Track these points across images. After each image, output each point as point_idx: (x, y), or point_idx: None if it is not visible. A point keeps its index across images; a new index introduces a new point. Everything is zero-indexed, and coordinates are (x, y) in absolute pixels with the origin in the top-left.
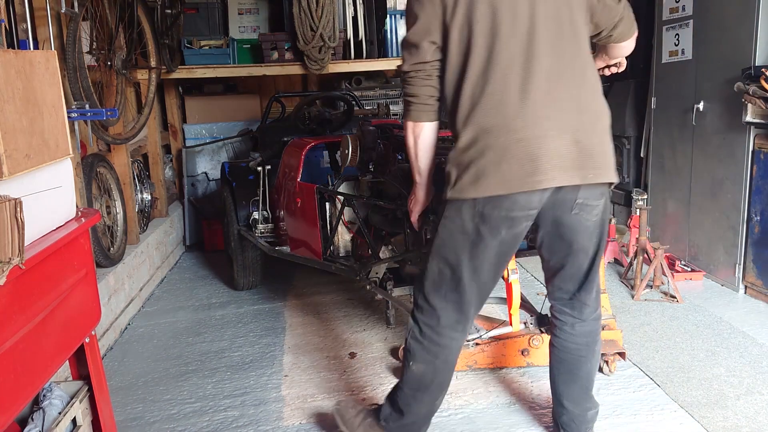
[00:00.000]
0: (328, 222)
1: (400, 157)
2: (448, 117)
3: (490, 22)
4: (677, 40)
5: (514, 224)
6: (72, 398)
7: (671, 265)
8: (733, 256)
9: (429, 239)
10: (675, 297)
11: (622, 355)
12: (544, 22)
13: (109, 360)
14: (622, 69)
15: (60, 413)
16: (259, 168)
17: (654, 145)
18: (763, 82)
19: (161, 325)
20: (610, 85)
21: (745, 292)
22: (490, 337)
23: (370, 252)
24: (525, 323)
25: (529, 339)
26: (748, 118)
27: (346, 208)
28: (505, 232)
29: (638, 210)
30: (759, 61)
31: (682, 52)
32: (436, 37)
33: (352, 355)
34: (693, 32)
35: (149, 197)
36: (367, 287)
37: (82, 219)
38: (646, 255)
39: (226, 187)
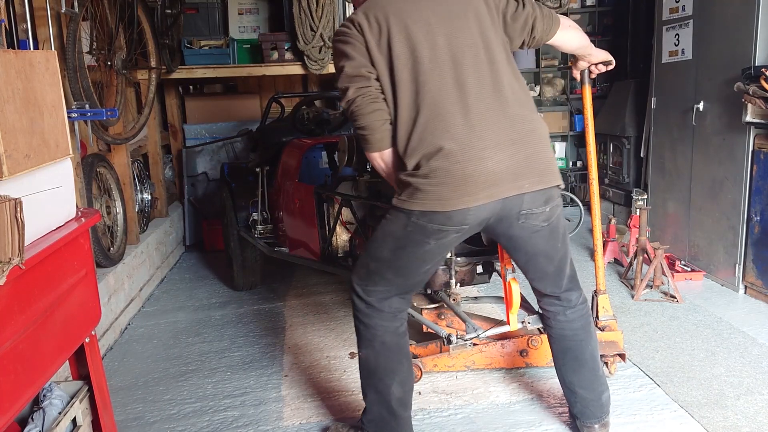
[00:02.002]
0: (326, 222)
1: None
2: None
3: (410, 57)
4: (677, 40)
5: (443, 236)
6: (72, 398)
7: (671, 265)
8: (733, 256)
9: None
10: (675, 297)
11: (622, 356)
12: (461, 50)
13: (109, 360)
14: (611, 67)
15: (60, 413)
16: (258, 169)
17: (654, 145)
18: (763, 82)
19: (161, 325)
20: (610, 85)
21: (745, 292)
22: (487, 337)
23: None
24: (523, 322)
25: (528, 340)
26: (748, 118)
27: (344, 208)
28: (434, 242)
29: (638, 210)
30: (759, 61)
31: (682, 52)
32: (372, 70)
33: (352, 355)
34: (693, 32)
35: (149, 197)
36: None
37: (82, 219)
38: (646, 255)
39: (225, 187)
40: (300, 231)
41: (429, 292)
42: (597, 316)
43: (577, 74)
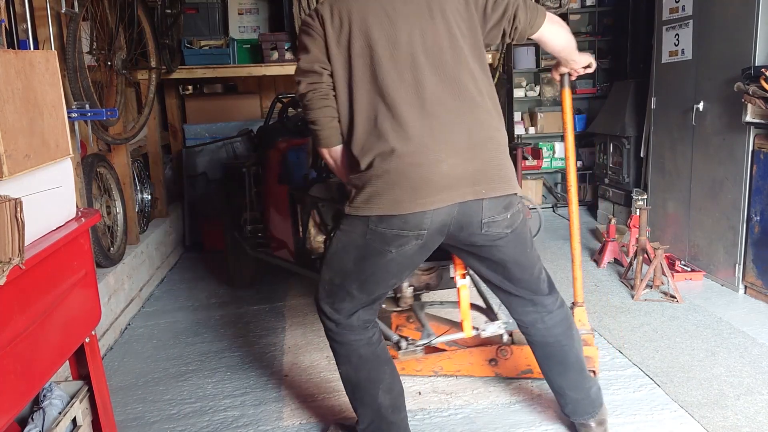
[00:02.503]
0: (299, 224)
1: None
2: (345, 143)
3: (369, 54)
4: (677, 40)
5: (403, 243)
6: (72, 398)
7: (671, 265)
8: (733, 256)
9: (324, 250)
10: (675, 297)
11: (593, 372)
12: (425, 50)
13: (109, 360)
14: (591, 70)
15: (60, 413)
16: (244, 169)
17: (654, 145)
18: (763, 82)
19: (161, 325)
20: (610, 85)
21: (745, 292)
22: (455, 343)
23: None
24: (476, 328)
25: (498, 349)
26: (748, 118)
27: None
28: (395, 250)
29: (638, 210)
30: (759, 61)
31: (682, 52)
32: (327, 65)
33: None
34: (693, 32)
35: (149, 197)
36: None
37: (82, 219)
38: (646, 255)
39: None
40: (279, 232)
41: (398, 295)
42: None
43: (557, 77)
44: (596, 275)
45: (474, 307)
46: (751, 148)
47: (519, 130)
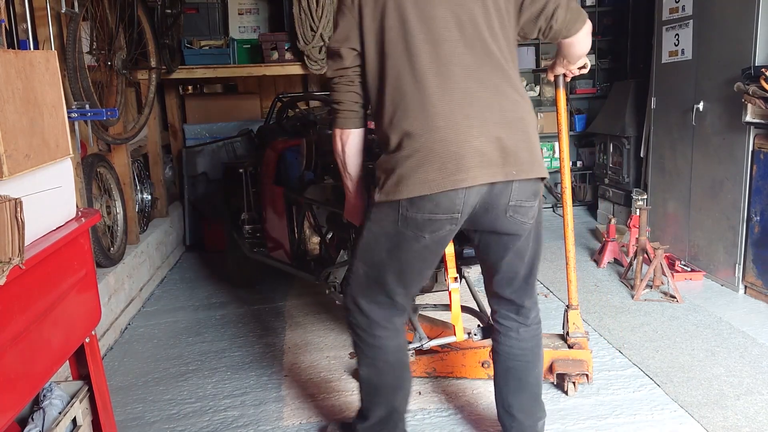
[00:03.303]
0: (294, 225)
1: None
2: (374, 123)
3: (402, 30)
4: (677, 40)
5: (437, 227)
6: (72, 398)
7: (671, 265)
8: (733, 256)
9: (354, 241)
10: (675, 297)
11: (587, 377)
12: (458, 27)
13: (109, 360)
14: (585, 71)
15: (60, 413)
16: (241, 170)
17: (654, 145)
18: (763, 82)
19: (161, 325)
20: (610, 85)
21: (745, 292)
22: (448, 345)
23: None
24: (469, 333)
25: (490, 351)
26: (748, 118)
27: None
28: (429, 236)
29: (638, 210)
30: (759, 61)
31: (682, 52)
32: (355, 44)
33: (352, 355)
34: (693, 32)
35: (149, 197)
36: (326, 291)
37: (82, 219)
38: (646, 255)
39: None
40: (275, 232)
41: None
42: (567, 333)
43: (552, 77)
44: (596, 275)
45: (467, 310)
46: (751, 148)
47: None
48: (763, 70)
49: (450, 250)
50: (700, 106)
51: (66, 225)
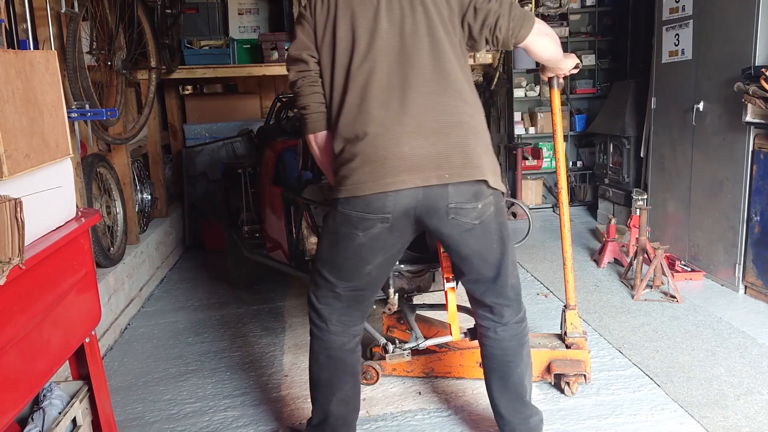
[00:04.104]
0: (293, 225)
1: None
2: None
3: (351, 40)
4: (677, 40)
5: (369, 226)
6: (72, 398)
7: (671, 265)
8: (733, 256)
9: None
10: (675, 297)
11: (585, 377)
12: (401, 37)
13: (109, 360)
14: (577, 71)
15: (60, 413)
16: (240, 170)
17: (654, 145)
18: (763, 82)
19: (161, 325)
20: (610, 85)
21: (745, 292)
22: (446, 345)
23: None
24: (465, 333)
25: None
26: (748, 118)
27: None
28: (362, 233)
29: (638, 210)
30: (759, 61)
31: (682, 52)
32: (314, 53)
33: None
34: (693, 32)
35: (149, 197)
36: None
37: (82, 219)
38: (646, 255)
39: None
40: (274, 232)
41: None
42: (565, 333)
43: (545, 78)
44: (596, 275)
45: (463, 309)
46: (751, 148)
47: (519, 130)
48: (763, 70)
49: (442, 248)
50: (700, 106)
51: (66, 225)
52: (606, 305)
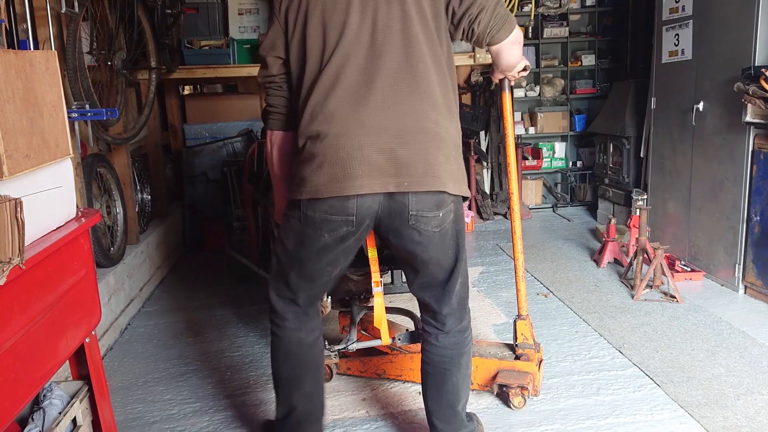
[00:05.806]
0: (259, 224)
1: None
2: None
3: (321, 38)
4: (677, 40)
5: (334, 228)
6: (72, 398)
7: (671, 265)
8: (733, 256)
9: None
10: (675, 297)
11: (527, 389)
12: (372, 33)
13: (109, 360)
14: (525, 74)
15: (60, 413)
16: (225, 168)
17: (654, 146)
18: (763, 82)
19: (161, 325)
20: (610, 85)
21: (745, 292)
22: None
23: None
24: (394, 338)
25: None
26: (748, 118)
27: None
28: (328, 235)
29: (638, 210)
30: (759, 61)
31: (682, 52)
32: (281, 53)
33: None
34: (693, 32)
35: (149, 197)
36: None
37: (82, 219)
38: (646, 255)
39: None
40: (249, 231)
41: (347, 298)
42: (515, 343)
43: (496, 80)
44: (596, 275)
45: (404, 312)
46: (751, 148)
47: (519, 130)
48: (763, 70)
49: (373, 254)
50: (700, 106)
51: (66, 225)
52: (606, 305)
